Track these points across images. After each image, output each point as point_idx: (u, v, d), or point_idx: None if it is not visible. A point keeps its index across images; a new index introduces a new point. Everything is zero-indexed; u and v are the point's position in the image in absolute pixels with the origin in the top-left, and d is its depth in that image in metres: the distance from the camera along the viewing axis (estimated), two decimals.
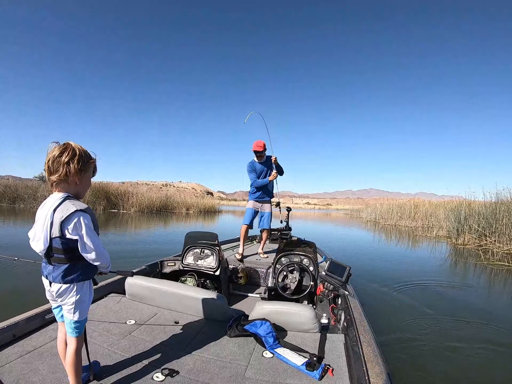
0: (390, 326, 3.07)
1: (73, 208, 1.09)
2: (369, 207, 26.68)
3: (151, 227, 12.41)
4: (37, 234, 1.13)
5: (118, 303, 2.20)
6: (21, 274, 4.13)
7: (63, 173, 1.10)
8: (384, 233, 14.42)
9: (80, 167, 1.13)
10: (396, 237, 12.69)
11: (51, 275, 1.15)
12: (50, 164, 1.10)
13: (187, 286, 2.26)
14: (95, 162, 1.21)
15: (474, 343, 2.78)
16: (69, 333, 1.21)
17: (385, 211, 20.67)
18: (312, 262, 2.79)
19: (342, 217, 31.97)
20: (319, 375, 1.38)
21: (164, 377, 1.36)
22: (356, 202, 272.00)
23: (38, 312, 1.79)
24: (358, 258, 7.25)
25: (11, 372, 1.33)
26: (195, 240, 3.20)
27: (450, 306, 3.90)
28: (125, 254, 6.02)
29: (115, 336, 1.73)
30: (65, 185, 1.14)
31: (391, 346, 2.61)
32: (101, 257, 1.16)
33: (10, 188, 17.53)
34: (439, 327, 3.14)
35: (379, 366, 1.33)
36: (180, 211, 22.28)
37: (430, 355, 2.53)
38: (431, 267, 6.44)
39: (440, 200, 19.71)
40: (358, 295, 2.40)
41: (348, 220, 26.11)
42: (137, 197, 19.42)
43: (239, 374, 1.42)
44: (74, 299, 1.17)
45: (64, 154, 1.10)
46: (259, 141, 3.86)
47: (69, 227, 1.08)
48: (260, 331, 1.71)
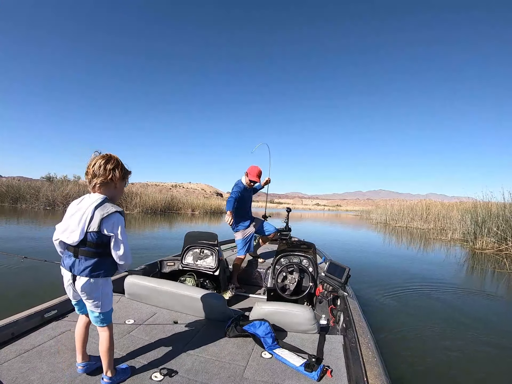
0: (391, 328, 3.07)
1: (114, 209, 1.22)
2: (379, 208, 26.25)
3: (152, 227, 12.31)
4: (71, 226, 1.21)
5: (117, 303, 2.20)
6: (29, 274, 4.13)
7: (109, 177, 1.23)
8: (395, 235, 14.12)
9: (122, 176, 1.28)
10: (407, 239, 12.36)
11: (76, 268, 1.22)
12: (96, 169, 1.23)
13: (186, 286, 2.26)
14: (130, 174, 1.36)
15: (476, 348, 2.76)
16: (98, 324, 1.30)
17: (396, 212, 20.25)
18: (311, 263, 2.79)
19: (351, 218, 31.47)
20: (317, 376, 1.38)
21: (162, 377, 1.36)
22: (366, 203, 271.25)
23: (38, 311, 1.79)
24: (365, 260, 7.09)
25: (10, 371, 1.33)
26: (194, 240, 3.20)
27: (457, 312, 3.70)
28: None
29: (113, 335, 1.73)
30: (105, 188, 1.26)
31: (390, 348, 2.60)
32: (127, 257, 1.27)
33: (13, 188, 17.52)
34: (442, 332, 3.07)
35: (378, 368, 1.33)
36: (185, 212, 22.07)
37: (430, 358, 2.53)
38: (443, 271, 6.13)
39: (451, 201, 19.29)
40: (362, 296, 2.39)
41: (357, 221, 25.67)
42: (141, 197, 19.21)
43: (238, 374, 1.42)
44: (100, 293, 1.26)
45: (109, 162, 1.24)
46: (259, 170, 3.46)
47: (108, 225, 1.20)
48: (259, 331, 1.71)
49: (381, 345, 1.74)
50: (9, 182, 18.88)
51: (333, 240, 10.85)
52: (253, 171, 3.43)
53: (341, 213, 54.75)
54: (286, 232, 5.02)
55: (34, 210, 15.33)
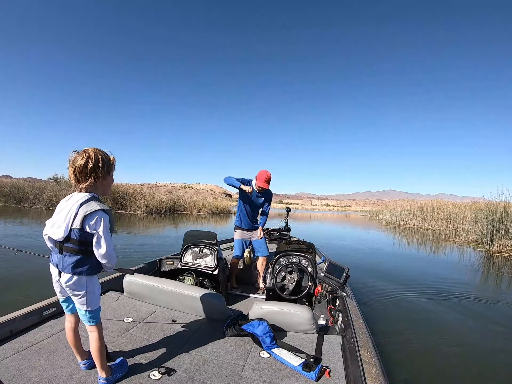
0: (389, 329, 3.07)
1: (97, 207, 1.20)
2: (388, 208, 25.42)
3: (153, 228, 12.18)
4: (58, 222, 1.21)
5: (116, 301, 2.20)
6: (22, 267, 4.22)
7: (92, 181, 1.21)
8: (405, 236, 13.72)
9: (106, 171, 1.24)
10: (417, 240, 11.94)
11: (61, 264, 1.23)
12: (77, 174, 1.19)
13: (185, 285, 2.26)
14: (114, 161, 1.30)
15: (477, 351, 2.74)
16: (87, 322, 1.30)
17: (406, 213, 19.57)
18: (310, 263, 2.79)
19: (360, 219, 30.90)
20: (315, 376, 1.38)
21: (160, 376, 1.36)
22: (375, 203, 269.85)
23: (36, 308, 1.79)
24: (371, 261, 6.97)
25: (8, 368, 1.33)
26: (194, 239, 3.19)
27: (463, 316, 3.55)
28: (125, 253, 6.04)
29: (112, 333, 1.73)
30: (92, 188, 1.25)
31: (388, 349, 2.60)
32: (109, 256, 1.23)
33: (16, 188, 17.54)
34: (442, 335, 3.03)
35: (376, 368, 1.33)
36: (191, 212, 21.74)
37: (429, 360, 2.52)
38: (454, 275, 5.87)
39: (463, 201, 18.74)
40: (361, 296, 2.38)
41: (366, 222, 25.14)
42: (145, 198, 18.73)
43: (236, 373, 1.42)
44: (84, 291, 1.25)
45: (89, 162, 1.18)
46: (267, 175, 3.18)
47: (90, 222, 1.19)
48: (257, 331, 1.71)
49: (379, 346, 1.74)
50: (14, 183, 18.85)
51: (341, 242, 10.34)
52: (261, 176, 3.20)
53: (350, 214, 53.84)
54: (285, 232, 5.02)
55: (37, 210, 15.30)
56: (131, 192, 18.81)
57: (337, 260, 2.85)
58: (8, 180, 20.85)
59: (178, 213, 20.73)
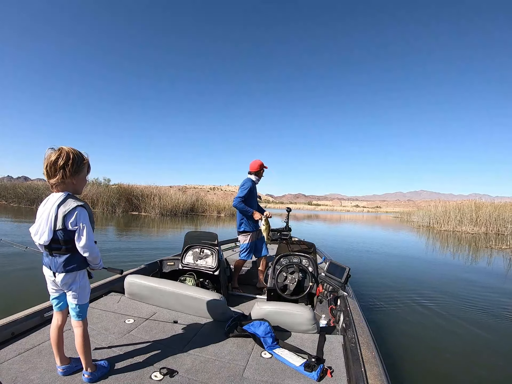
0: (391, 329, 3.07)
1: (75, 204, 1.24)
2: (420, 210, 24.18)
3: (163, 230, 11.73)
4: (41, 227, 1.25)
5: (118, 302, 2.20)
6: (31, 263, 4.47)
7: (60, 177, 1.24)
8: (440, 240, 12.43)
9: (75, 170, 1.26)
10: (456, 247, 10.56)
11: (53, 265, 1.28)
12: (48, 169, 1.23)
13: (186, 285, 2.26)
14: (88, 162, 1.33)
15: (478, 354, 2.72)
16: (74, 317, 1.35)
17: (440, 214, 17.86)
18: (311, 263, 2.79)
19: (391, 221, 29.45)
20: (317, 376, 1.38)
21: (162, 377, 1.36)
22: (406, 204, 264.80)
23: (37, 310, 1.80)
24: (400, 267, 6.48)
25: (10, 370, 1.34)
26: (195, 240, 3.19)
27: (477, 329, 3.21)
28: (124, 254, 6.05)
29: (113, 334, 1.73)
30: (63, 186, 1.28)
31: (390, 348, 2.60)
32: (89, 248, 1.27)
33: (31, 189, 17.75)
34: (443, 336, 3.01)
35: (378, 368, 1.33)
36: (211, 214, 21.20)
37: (430, 360, 2.52)
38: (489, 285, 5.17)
39: (496, 201, 17.22)
40: (364, 298, 2.36)
41: (397, 224, 23.71)
42: (163, 199, 18.17)
43: (238, 374, 1.42)
44: (78, 286, 1.32)
45: (59, 159, 1.22)
46: (260, 161, 3.42)
47: (71, 220, 1.23)
48: (259, 331, 1.71)
49: (381, 346, 1.73)
50: (29, 185, 19.10)
51: (369, 246, 9.67)
52: (256, 163, 3.39)
53: (381, 215, 52.07)
54: (286, 232, 5.02)
55: None
56: (147, 193, 18.54)
57: (364, 267, 2.76)
58: (25, 183, 21.10)
59: (197, 215, 20.19)
